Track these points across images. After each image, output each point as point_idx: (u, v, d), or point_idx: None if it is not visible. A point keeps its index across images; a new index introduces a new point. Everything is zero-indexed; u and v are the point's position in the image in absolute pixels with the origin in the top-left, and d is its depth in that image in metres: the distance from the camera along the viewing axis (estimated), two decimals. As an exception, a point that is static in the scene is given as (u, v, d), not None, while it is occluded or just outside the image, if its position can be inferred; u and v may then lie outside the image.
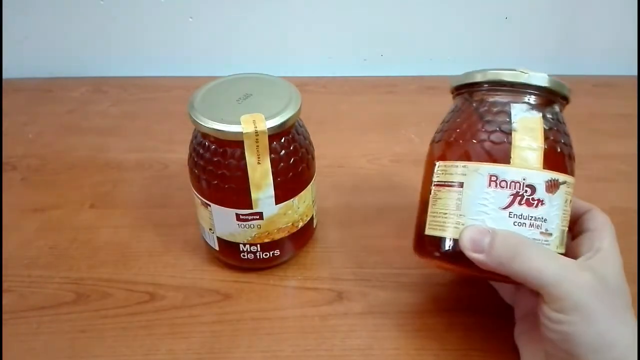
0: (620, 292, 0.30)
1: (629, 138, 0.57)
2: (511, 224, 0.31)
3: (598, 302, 0.28)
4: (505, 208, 0.31)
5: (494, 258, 0.30)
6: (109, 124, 0.61)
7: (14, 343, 0.37)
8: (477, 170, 0.32)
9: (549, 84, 0.32)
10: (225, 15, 0.67)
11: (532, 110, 0.32)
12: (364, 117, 0.62)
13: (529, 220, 0.31)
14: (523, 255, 0.29)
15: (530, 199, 0.31)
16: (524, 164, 0.31)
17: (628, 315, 0.30)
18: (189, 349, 0.36)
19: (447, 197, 0.33)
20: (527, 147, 0.31)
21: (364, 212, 0.47)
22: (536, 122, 0.32)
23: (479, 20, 0.67)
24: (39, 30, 0.68)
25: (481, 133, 0.32)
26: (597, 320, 0.28)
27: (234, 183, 0.36)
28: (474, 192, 0.32)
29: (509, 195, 0.31)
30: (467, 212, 0.32)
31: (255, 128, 0.34)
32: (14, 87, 0.68)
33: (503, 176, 0.31)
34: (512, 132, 0.31)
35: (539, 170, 0.31)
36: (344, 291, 0.40)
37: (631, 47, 0.66)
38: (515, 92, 0.33)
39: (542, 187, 0.31)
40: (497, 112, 0.32)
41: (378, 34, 0.68)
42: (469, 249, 0.30)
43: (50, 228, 0.46)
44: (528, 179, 0.31)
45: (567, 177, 0.32)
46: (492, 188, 0.31)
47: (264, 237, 0.39)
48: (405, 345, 0.36)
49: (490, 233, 0.30)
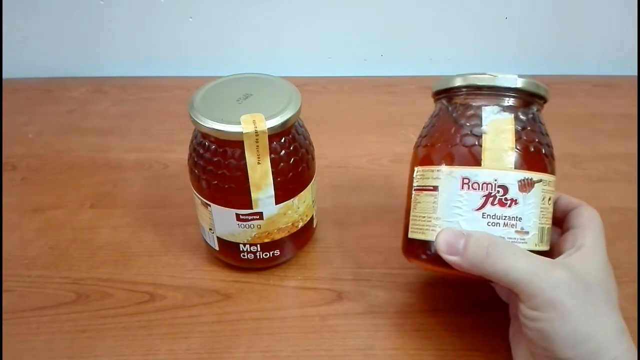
0: (600, 288, 0.30)
1: (629, 138, 0.57)
2: (485, 225, 0.31)
3: (572, 298, 0.29)
4: (479, 209, 0.32)
5: (467, 260, 0.30)
6: (108, 124, 0.61)
7: (14, 343, 0.37)
8: (450, 174, 0.32)
9: (520, 85, 0.33)
10: (225, 15, 0.67)
11: (504, 112, 0.33)
12: (364, 117, 0.62)
13: (502, 219, 0.31)
14: (494, 256, 0.30)
15: (503, 199, 0.31)
16: (495, 165, 0.32)
17: (608, 308, 0.30)
18: (189, 349, 0.36)
19: (425, 200, 0.34)
20: (498, 149, 0.32)
21: (364, 212, 0.47)
22: (507, 124, 0.32)
23: (479, 20, 0.67)
24: (39, 30, 0.68)
25: (454, 137, 0.33)
26: (571, 316, 0.28)
27: (234, 183, 0.36)
28: (449, 194, 0.32)
29: (481, 196, 0.32)
30: (442, 215, 0.33)
31: (255, 128, 0.34)
32: (14, 87, 0.68)
33: (475, 178, 0.32)
34: (482, 135, 0.32)
35: (511, 170, 0.31)
36: (344, 291, 0.40)
37: (631, 47, 0.66)
38: (487, 95, 0.33)
39: (515, 187, 0.31)
40: (470, 116, 0.33)
41: (378, 34, 0.68)
42: (444, 251, 0.31)
43: (50, 228, 0.46)
44: (500, 179, 0.31)
45: (544, 175, 0.32)
46: (465, 190, 0.32)
47: (264, 237, 0.39)
48: (405, 345, 0.36)
49: (464, 235, 0.31)
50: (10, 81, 0.69)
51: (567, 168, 0.53)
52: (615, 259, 0.42)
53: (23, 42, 0.69)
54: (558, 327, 0.28)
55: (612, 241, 0.44)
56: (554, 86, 0.69)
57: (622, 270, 0.41)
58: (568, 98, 0.65)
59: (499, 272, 0.30)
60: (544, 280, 0.29)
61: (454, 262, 0.31)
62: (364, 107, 0.64)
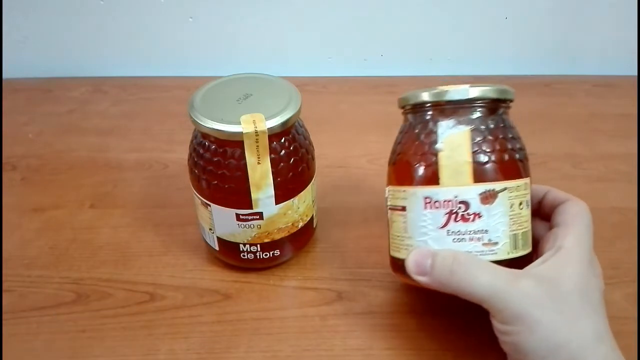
0: (578, 292, 0.29)
1: (629, 138, 0.57)
2: (451, 242, 0.32)
3: (539, 309, 0.28)
4: (443, 227, 0.32)
5: (434, 279, 0.31)
6: (108, 124, 0.61)
7: (14, 343, 0.37)
8: (414, 194, 0.33)
9: (473, 95, 0.32)
10: (225, 15, 0.67)
11: (459, 126, 0.32)
12: (364, 117, 0.62)
13: (468, 234, 0.31)
14: (458, 273, 0.30)
15: (466, 215, 0.31)
16: (453, 182, 0.31)
17: (585, 313, 0.29)
18: (189, 349, 0.36)
19: (397, 220, 0.34)
20: (454, 165, 0.31)
21: (364, 212, 0.47)
22: (463, 137, 0.32)
23: (479, 20, 0.67)
24: (39, 30, 0.68)
25: (416, 156, 0.33)
26: (539, 327, 0.28)
27: (234, 183, 0.36)
28: (415, 214, 0.33)
29: (444, 214, 0.32)
30: (412, 234, 0.33)
31: (255, 128, 0.34)
32: (14, 87, 0.68)
33: (436, 197, 0.32)
34: (438, 152, 0.32)
35: (469, 185, 0.31)
36: (344, 291, 0.40)
37: (631, 47, 0.66)
38: (443, 110, 0.32)
39: (477, 201, 0.31)
40: (429, 132, 0.33)
41: (378, 34, 0.68)
42: (413, 272, 0.32)
43: (50, 228, 0.46)
44: (460, 195, 0.31)
45: (509, 182, 0.31)
46: (428, 210, 0.32)
47: (264, 237, 0.39)
48: (405, 345, 0.36)
49: (431, 255, 0.31)
50: (10, 81, 0.69)
51: (567, 168, 0.53)
52: (615, 259, 0.42)
53: (23, 42, 0.69)
54: (527, 339, 0.28)
55: (612, 241, 0.44)
56: (554, 86, 0.69)
57: (622, 270, 0.41)
58: (568, 98, 0.65)
59: (465, 290, 0.30)
60: (508, 294, 0.29)
61: (423, 282, 0.31)
62: (364, 107, 0.64)
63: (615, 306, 0.38)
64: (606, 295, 0.39)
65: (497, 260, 0.31)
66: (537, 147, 0.56)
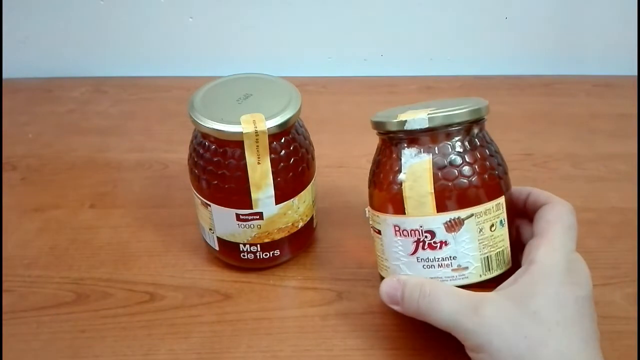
0: (548, 307, 0.28)
1: (629, 138, 0.57)
2: (421, 268, 0.32)
3: (500, 337, 0.28)
4: (413, 254, 0.32)
5: (407, 309, 0.32)
6: (109, 124, 0.61)
7: (14, 343, 0.37)
8: (385, 221, 0.33)
9: (432, 125, 0.31)
10: (225, 15, 0.67)
11: (421, 154, 0.31)
12: (364, 117, 0.61)
13: (436, 261, 0.32)
14: (423, 305, 0.31)
15: (432, 243, 0.31)
16: (417, 213, 0.31)
17: (552, 333, 0.28)
18: (189, 349, 0.36)
19: (377, 242, 0.35)
20: (417, 195, 0.31)
21: (364, 212, 0.47)
22: (424, 168, 0.31)
23: (479, 20, 0.67)
24: (39, 30, 0.68)
25: (384, 180, 0.33)
26: (500, 354, 0.28)
27: (234, 183, 0.36)
28: (388, 239, 0.33)
29: (412, 242, 0.32)
30: (388, 257, 0.34)
31: (255, 128, 0.34)
32: (14, 87, 0.68)
33: (403, 226, 0.32)
34: (402, 182, 0.32)
35: (433, 215, 0.31)
36: (344, 291, 0.40)
37: (631, 47, 0.66)
38: (404, 139, 0.32)
39: (442, 230, 0.31)
40: (394, 160, 0.32)
41: (378, 34, 0.68)
42: (387, 302, 0.33)
43: (50, 228, 0.46)
44: (425, 225, 0.31)
45: (476, 208, 0.31)
46: (398, 237, 0.33)
47: (264, 237, 0.39)
48: (405, 345, 0.36)
49: (401, 285, 0.32)
50: (10, 81, 0.69)
51: (567, 168, 0.53)
52: (615, 259, 0.42)
53: (23, 42, 0.69)
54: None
55: (612, 241, 0.44)
56: (554, 86, 0.69)
57: (622, 270, 0.41)
58: (568, 98, 0.65)
59: (432, 321, 0.30)
60: (469, 324, 0.29)
61: (398, 310, 0.32)
62: (364, 107, 0.64)
63: (615, 306, 0.38)
64: (606, 295, 0.39)
65: (469, 284, 0.32)
66: (537, 147, 0.56)
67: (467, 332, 0.29)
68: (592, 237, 0.44)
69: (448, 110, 0.31)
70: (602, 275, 0.41)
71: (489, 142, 0.33)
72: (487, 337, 0.28)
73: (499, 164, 0.33)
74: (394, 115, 0.32)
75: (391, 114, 0.33)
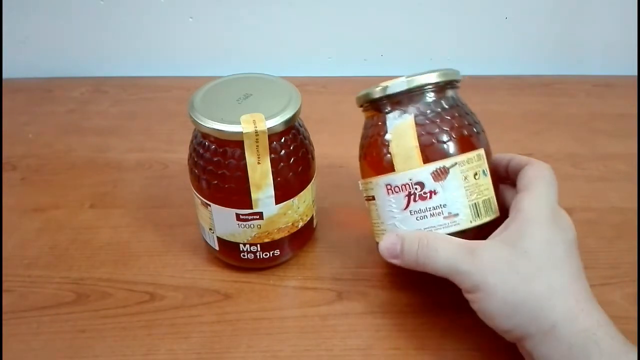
0: (538, 248, 0.31)
1: (629, 138, 0.57)
2: (415, 220, 0.35)
3: (495, 275, 0.30)
4: (406, 208, 0.35)
5: (406, 261, 0.34)
6: (109, 124, 0.61)
7: (14, 343, 0.37)
8: (377, 184, 0.36)
9: (410, 86, 0.34)
10: (225, 15, 0.67)
11: (404, 115, 0.34)
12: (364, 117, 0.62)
13: (428, 211, 0.34)
14: (422, 254, 0.33)
15: (422, 194, 0.34)
16: (406, 167, 0.34)
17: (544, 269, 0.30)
18: (189, 349, 0.36)
19: (371, 209, 0.38)
20: (403, 152, 0.34)
21: (364, 212, 0.47)
22: (407, 125, 0.34)
23: (479, 20, 0.67)
24: (39, 30, 0.68)
25: (373, 149, 0.36)
26: (497, 290, 0.30)
27: (234, 183, 0.36)
28: (382, 201, 0.36)
29: (404, 197, 0.35)
30: (383, 220, 0.36)
31: (255, 128, 0.34)
32: (14, 87, 0.68)
33: (394, 183, 0.35)
34: (389, 142, 0.34)
35: (420, 166, 0.34)
36: (344, 291, 0.40)
37: (631, 47, 0.66)
38: (387, 103, 0.35)
39: (430, 180, 0.34)
40: (381, 126, 0.35)
41: (378, 34, 0.68)
42: (387, 256, 0.35)
43: (50, 228, 0.46)
44: (414, 177, 0.34)
45: (458, 157, 0.34)
46: (391, 195, 0.35)
47: (264, 237, 0.39)
48: (405, 345, 0.36)
49: (400, 239, 0.34)
50: (10, 81, 0.69)
51: (567, 168, 0.53)
52: (615, 259, 0.42)
53: (23, 42, 0.69)
54: (489, 304, 0.30)
55: (612, 241, 0.44)
56: (554, 86, 0.69)
57: (622, 270, 0.41)
58: (568, 98, 0.65)
59: (431, 269, 0.33)
60: (465, 266, 0.31)
61: (398, 264, 0.34)
62: (364, 107, 0.64)
63: (615, 306, 0.38)
64: (606, 295, 0.39)
65: (461, 230, 0.34)
66: (537, 147, 0.56)
67: (463, 273, 0.31)
68: (592, 237, 0.44)
69: (423, 73, 0.34)
70: (602, 275, 0.41)
71: (463, 104, 0.36)
72: (482, 276, 0.30)
73: (475, 122, 0.36)
74: (375, 86, 0.36)
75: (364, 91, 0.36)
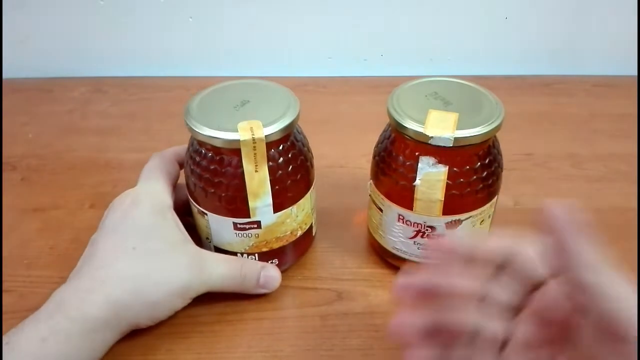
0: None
1: (629, 138, 0.57)
2: (416, 249, 0.38)
3: None
4: (411, 238, 0.37)
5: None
6: (109, 124, 0.61)
7: (14, 343, 0.37)
8: (390, 208, 0.37)
9: (456, 145, 0.32)
10: (225, 15, 0.67)
11: (438, 165, 0.34)
12: (364, 117, 0.62)
13: None
14: None
15: (431, 234, 0.36)
16: (424, 213, 0.35)
17: None
18: (189, 349, 0.36)
19: (375, 212, 0.39)
20: (427, 200, 0.35)
21: (364, 213, 0.47)
22: (439, 177, 0.34)
23: (479, 20, 0.67)
24: (39, 30, 0.68)
25: (394, 177, 0.36)
26: None
27: (231, 191, 0.35)
28: (390, 220, 0.38)
29: (413, 230, 0.37)
30: (386, 232, 0.39)
31: (252, 135, 0.33)
32: (14, 87, 0.68)
33: (408, 217, 0.36)
34: (415, 186, 0.34)
35: (438, 216, 0.35)
36: (344, 291, 0.40)
37: (631, 47, 0.66)
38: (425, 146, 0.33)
39: (442, 227, 0.36)
40: (411, 161, 0.34)
41: (378, 34, 0.68)
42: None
43: (50, 228, 0.46)
44: (428, 222, 0.36)
45: (475, 211, 0.35)
46: (400, 223, 0.37)
47: (262, 247, 0.38)
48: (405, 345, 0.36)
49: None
50: (10, 81, 0.69)
51: (567, 168, 0.53)
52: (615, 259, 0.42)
53: (23, 42, 0.69)
54: None
55: (612, 241, 0.44)
56: (554, 86, 0.69)
57: (622, 270, 0.41)
58: (568, 98, 0.65)
59: None
60: None
61: None
62: (364, 107, 0.64)
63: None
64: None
65: None
66: (537, 147, 0.56)
67: None
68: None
69: (473, 129, 0.33)
70: (601, 276, 0.41)
71: (497, 152, 0.36)
72: None
73: (501, 168, 0.36)
74: (417, 118, 0.34)
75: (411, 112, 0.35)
